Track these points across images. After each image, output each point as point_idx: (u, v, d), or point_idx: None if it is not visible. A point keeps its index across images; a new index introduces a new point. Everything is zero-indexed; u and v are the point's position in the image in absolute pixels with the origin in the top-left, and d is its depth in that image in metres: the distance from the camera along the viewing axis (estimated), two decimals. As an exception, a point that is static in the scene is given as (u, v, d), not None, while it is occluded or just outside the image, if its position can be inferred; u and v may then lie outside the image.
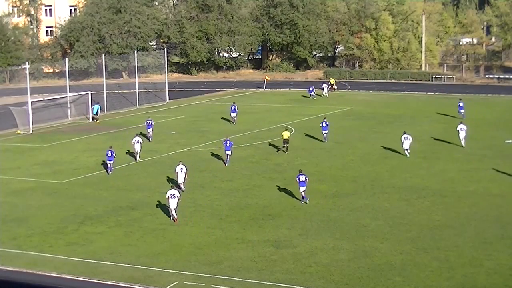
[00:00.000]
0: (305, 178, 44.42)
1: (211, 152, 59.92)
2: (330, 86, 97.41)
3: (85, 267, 34.07)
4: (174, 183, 46.62)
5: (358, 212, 42.12)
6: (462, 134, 60.39)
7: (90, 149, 62.31)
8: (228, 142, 55.74)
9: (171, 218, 41.18)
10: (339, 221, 40.37)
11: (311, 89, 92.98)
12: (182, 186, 47.26)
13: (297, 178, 44.65)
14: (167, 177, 50.45)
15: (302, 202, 44.11)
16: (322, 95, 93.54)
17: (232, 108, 74.69)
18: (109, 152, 53.05)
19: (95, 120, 76.82)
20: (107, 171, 53.43)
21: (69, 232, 39.58)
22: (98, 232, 39.33)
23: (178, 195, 41.50)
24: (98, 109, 78.10)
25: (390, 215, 41.30)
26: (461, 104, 73.03)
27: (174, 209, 41.01)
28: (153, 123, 66.14)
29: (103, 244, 37.35)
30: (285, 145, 59.75)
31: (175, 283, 31.81)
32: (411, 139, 57.11)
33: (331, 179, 50.18)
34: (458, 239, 36.75)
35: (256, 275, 32.43)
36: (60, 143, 65.85)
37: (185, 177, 47.63)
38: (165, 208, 43.36)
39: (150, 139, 64.87)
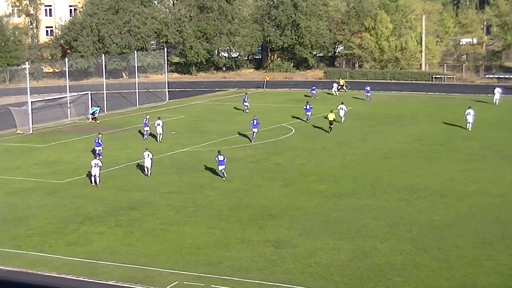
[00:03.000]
0: (223, 157, 50.62)
1: (211, 152, 59.93)
2: (340, 87, 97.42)
3: (85, 267, 34.05)
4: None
5: (358, 212, 42.10)
6: (470, 118, 66.44)
7: (90, 149, 62.19)
8: (255, 121, 63.67)
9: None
10: (339, 221, 40.36)
11: (313, 88, 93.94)
12: (148, 171, 52.21)
13: (216, 158, 50.89)
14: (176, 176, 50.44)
15: (224, 178, 50.22)
16: (332, 93, 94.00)
17: (244, 98, 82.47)
18: (97, 138, 58.13)
19: (95, 120, 76.67)
20: (95, 156, 55.56)
21: (69, 232, 39.56)
22: (98, 232, 39.32)
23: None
24: (96, 110, 77.87)
25: (390, 215, 41.29)
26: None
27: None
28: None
29: (103, 244, 37.33)
30: (330, 126, 67.32)
31: (175, 283, 31.80)
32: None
33: (331, 179, 50.17)
34: (458, 239, 36.74)
35: (256, 275, 32.42)
36: (60, 143, 65.85)
37: (151, 163, 52.37)
38: (165, 208, 43.41)
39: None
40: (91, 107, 78.97)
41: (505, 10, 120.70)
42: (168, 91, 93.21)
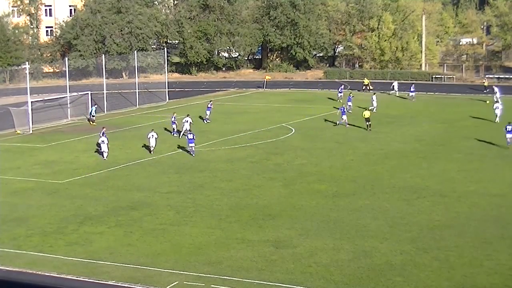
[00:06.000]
0: (193, 136, 58.55)
1: (211, 152, 59.96)
2: (364, 87, 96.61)
3: (85, 267, 34.04)
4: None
5: (358, 212, 42.09)
6: (498, 112, 71.12)
7: (90, 149, 62.27)
8: (343, 108, 72.29)
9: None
10: (339, 221, 40.34)
11: (341, 89, 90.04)
12: (153, 148, 59.10)
13: (186, 136, 59.37)
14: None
15: (194, 155, 57.59)
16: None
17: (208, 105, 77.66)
18: (101, 133, 60.49)
19: (90, 122, 76.34)
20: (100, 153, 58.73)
21: (69, 232, 39.56)
22: (98, 232, 39.31)
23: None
24: (92, 110, 77.57)
25: (390, 215, 41.28)
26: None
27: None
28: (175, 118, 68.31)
29: (103, 244, 37.33)
30: (367, 123, 68.51)
31: (175, 283, 31.78)
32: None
33: (331, 179, 50.15)
34: (458, 239, 36.73)
35: (256, 275, 32.41)
36: (60, 143, 65.86)
37: (156, 142, 59.31)
38: (165, 208, 43.42)
39: (174, 134, 67.69)
40: (91, 107, 78.86)
41: (505, 10, 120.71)
42: (168, 91, 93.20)
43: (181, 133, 66.55)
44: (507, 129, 60.35)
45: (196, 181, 50.19)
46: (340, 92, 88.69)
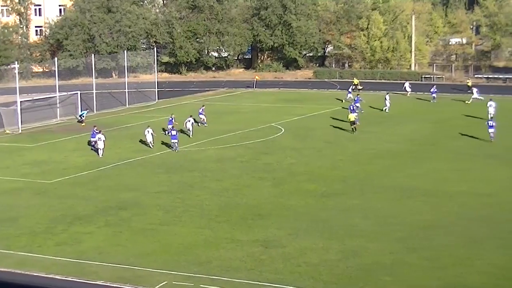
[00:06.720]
0: (176, 132, 59.71)
1: (201, 152, 59.91)
2: (354, 87, 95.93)
3: (74, 267, 33.95)
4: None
5: (347, 212, 42.09)
6: (491, 110, 69.93)
7: (80, 149, 62.16)
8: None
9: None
10: (328, 221, 40.33)
11: (350, 90, 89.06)
12: (151, 144, 61.11)
13: (170, 133, 60.05)
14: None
15: (178, 150, 59.32)
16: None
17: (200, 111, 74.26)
18: (93, 130, 61.59)
19: (80, 123, 76.03)
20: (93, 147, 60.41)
21: (58, 232, 39.44)
22: (87, 232, 39.20)
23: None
24: (83, 114, 77.33)
25: (379, 214, 41.28)
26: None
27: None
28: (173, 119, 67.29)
29: (92, 244, 37.23)
30: (352, 126, 67.25)
31: (164, 283, 31.72)
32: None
33: (320, 179, 50.13)
34: (448, 239, 36.76)
35: (245, 275, 32.38)
36: (50, 143, 65.66)
37: (153, 137, 61.35)
38: (154, 208, 43.35)
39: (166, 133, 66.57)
40: (81, 109, 78.58)
41: (494, 10, 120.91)
42: (158, 91, 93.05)
43: (191, 132, 66.96)
44: (489, 124, 61.82)
45: (185, 181, 50.12)
46: (349, 93, 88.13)
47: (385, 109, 79.94)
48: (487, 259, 33.78)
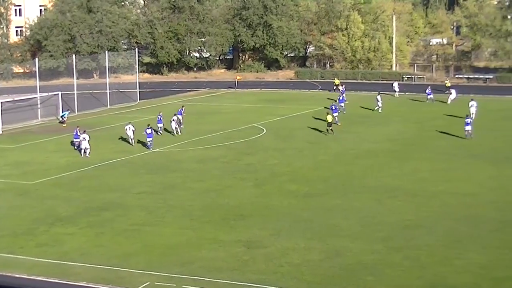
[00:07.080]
0: (152, 130, 60.79)
1: (183, 152, 59.87)
2: (335, 87, 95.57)
3: (56, 268, 33.86)
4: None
5: (329, 212, 42.18)
6: (473, 110, 70.17)
7: (61, 150, 61.98)
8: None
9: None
10: (310, 221, 40.41)
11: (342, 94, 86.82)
12: (131, 140, 62.17)
13: (145, 132, 60.70)
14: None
15: (151, 149, 60.13)
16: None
17: (180, 111, 72.44)
18: (75, 130, 61.71)
19: (61, 124, 75.76)
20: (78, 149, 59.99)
21: (39, 233, 39.33)
22: (69, 233, 39.11)
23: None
24: (65, 114, 77.07)
25: (361, 214, 41.40)
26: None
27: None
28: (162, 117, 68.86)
29: (74, 245, 37.15)
30: (328, 127, 66.27)
31: (146, 283, 31.70)
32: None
33: (302, 179, 50.22)
34: (429, 238, 36.92)
35: (228, 275, 32.40)
36: (31, 144, 65.43)
37: (133, 134, 62.00)
38: (137, 209, 43.29)
39: (159, 133, 67.71)
40: (62, 110, 78.33)
41: (474, 11, 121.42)
42: (139, 91, 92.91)
43: (175, 132, 67.94)
44: (466, 122, 62.59)
45: (168, 182, 50.09)
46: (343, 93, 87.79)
47: (377, 109, 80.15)
48: (467, 259, 33.97)
